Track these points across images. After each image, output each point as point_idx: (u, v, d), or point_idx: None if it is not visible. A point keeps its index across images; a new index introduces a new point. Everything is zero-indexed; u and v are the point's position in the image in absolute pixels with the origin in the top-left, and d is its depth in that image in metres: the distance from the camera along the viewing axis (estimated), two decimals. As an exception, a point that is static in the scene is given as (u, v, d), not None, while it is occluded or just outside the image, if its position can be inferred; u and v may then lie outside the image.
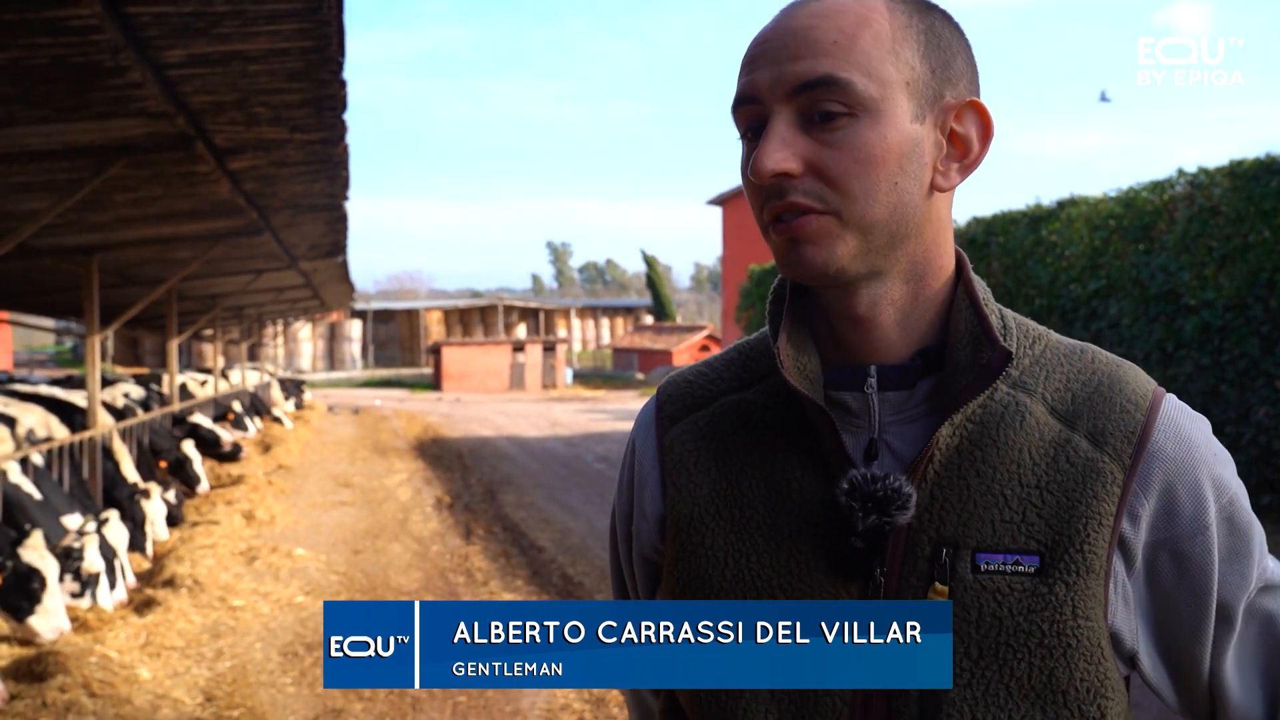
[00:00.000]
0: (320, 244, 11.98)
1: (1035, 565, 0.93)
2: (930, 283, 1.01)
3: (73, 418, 9.06)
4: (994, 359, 0.96)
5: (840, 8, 0.95)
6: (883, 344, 1.01)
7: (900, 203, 0.95)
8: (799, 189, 0.94)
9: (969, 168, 0.99)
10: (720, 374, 1.12)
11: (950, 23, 1.00)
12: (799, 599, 0.97)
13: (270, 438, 16.83)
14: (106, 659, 5.09)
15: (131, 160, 5.41)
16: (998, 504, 0.95)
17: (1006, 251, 11.03)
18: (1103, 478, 0.94)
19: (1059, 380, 1.00)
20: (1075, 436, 0.96)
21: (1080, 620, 0.92)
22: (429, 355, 43.74)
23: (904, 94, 0.94)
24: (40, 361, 47.08)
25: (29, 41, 3.57)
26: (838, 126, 0.93)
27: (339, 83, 4.78)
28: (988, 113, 0.99)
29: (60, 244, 8.30)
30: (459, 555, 8.64)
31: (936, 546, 0.95)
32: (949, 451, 0.97)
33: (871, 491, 0.93)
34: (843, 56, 0.93)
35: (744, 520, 1.02)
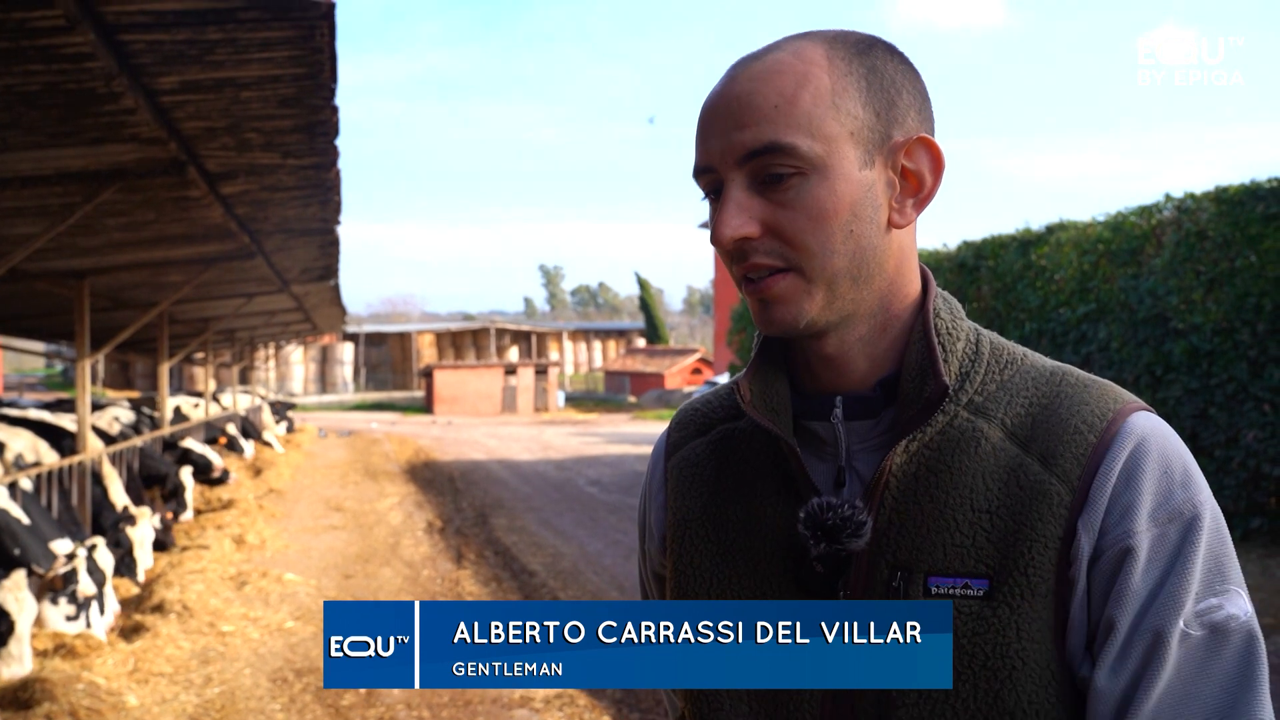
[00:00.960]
0: (312, 268, 11.99)
1: (984, 589, 0.95)
2: (895, 312, 1.04)
3: (62, 442, 9.03)
4: (935, 392, 0.98)
5: (779, 68, 0.98)
6: (850, 375, 1.04)
7: (859, 248, 0.98)
8: (760, 249, 0.98)
9: (924, 202, 1.02)
10: (722, 402, 1.18)
11: (893, 56, 1.02)
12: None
13: (261, 461, 16.79)
14: (94, 686, 5.06)
15: (124, 185, 5.42)
16: (949, 528, 0.97)
17: (996, 275, 11.08)
18: (1049, 499, 0.95)
19: (1021, 404, 1.00)
20: (1028, 459, 0.97)
21: (1025, 643, 0.93)
22: (421, 378, 43.68)
23: (849, 144, 0.97)
24: (30, 384, 46.90)
25: (23, 68, 3.59)
26: (789, 187, 0.96)
27: (331, 108, 4.80)
28: (937, 146, 1.01)
29: (52, 268, 8.30)
30: (450, 579, 8.61)
31: (892, 569, 0.98)
32: (906, 477, 0.99)
33: (822, 520, 0.97)
34: (784, 121, 0.96)
35: (726, 542, 1.07)
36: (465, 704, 5.45)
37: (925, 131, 1.02)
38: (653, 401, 37.85)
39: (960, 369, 1.02)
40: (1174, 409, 8.36)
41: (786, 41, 1.01)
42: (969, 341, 1.04)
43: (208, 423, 16.60)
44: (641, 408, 37.32)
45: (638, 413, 35.47)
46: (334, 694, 5.59)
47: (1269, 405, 7.73)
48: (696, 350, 45.06)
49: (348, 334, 46.45)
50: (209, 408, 17.69)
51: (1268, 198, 7.74)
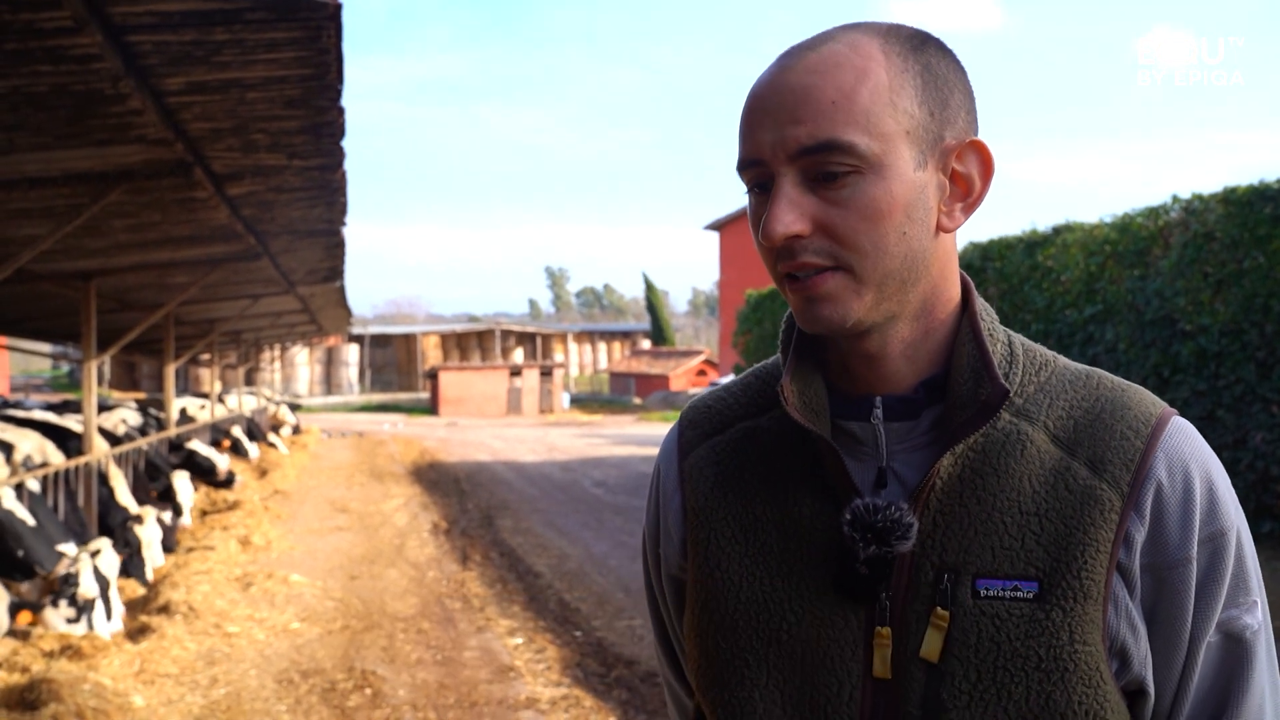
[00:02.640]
0: (318, 269, 12.00)
1: (1034, 591, 0.95)
2: (938, 315, 1.03)
3: (68, 443, 9.04)
4: (993, 395, 0.97)
5: (837, 61, 0.95)
6: (890, 376, 1.03)
7: (910, 250, 0.97)
8: (810, 248, 0.96)
9: (972, 206, 1.01)
10: (738, 399, 1.16)
11: (945, 54, 1.00)
12: (809, 621, 1.00)
13: (267, 463, 16.80)
14: (100, 687, 5.05)
15: (130, 186, 5.42)
16: (997, 531, 0.96)
17: (1003, 276, 11.05)
18: (1100, 505, 0.95)
19: (1062, 408, 1.01)
20: (1075, 464, 0.98)
21: (1078, 645, 0.93)
22: (426, 380, 43.72)
23: (905, 144, 0.95)
24: (37, 386, 47.04)
25: (30, 70, 3.59)
26: (844, 185, 0.94)
27: (337, 110, 4.80)
28: (988, 150, 1.00)
29: (58, 269, 8.31)
30: (456, 581, 8.61)
31: (939, 572, 0.97)
32: (951, 480, 0.99)
33: (872, 523, 0.95)
34: (843, 119, 0.93)
35: (758, 545, 1.05)
36: (471, 705, 5.44)
37: (974, 133, 1.01)
38: (658, 403, 37.83)
39: (1000, 371, 1.01)
40: (1182, 411, 8.24)
41: (840, 32, 0.98)
42: (1004, 344, 1.04)
43: (214, 424, 16.62)
44: (646, 409, 37.31)
45: (643, 414, 35.46)
46: (340, 695, 5.59)
47: (1277, 407, 7.70)
48: (701, 352, 45.04)
49: (353, 336, 46.54)
50: (215, 409, 17.70)
51: (1276, 198, 7.71)
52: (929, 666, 0.96)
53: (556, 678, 5.93)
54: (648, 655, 6.33)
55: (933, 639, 0.95)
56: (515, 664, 6.19)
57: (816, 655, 1.00)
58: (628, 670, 6.04)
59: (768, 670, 1.01)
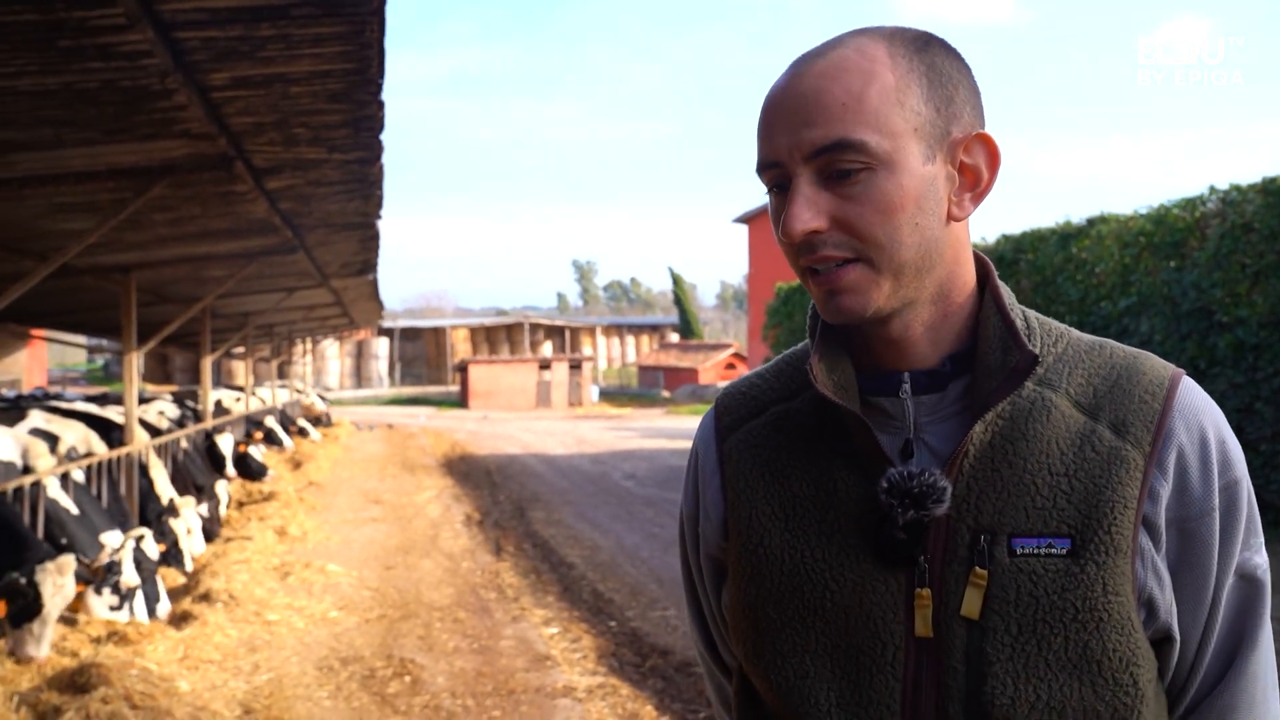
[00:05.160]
0: (352, 262, 12.10)
1: (1067, 547, 1.01)
2: (955, 299, 1.09)
3: (110, 434, 9.18)
4: (1022, 361, 1.04)
5: (846, 65, 1.02)
6: (914, 354, 1.09)
7: (923, 239, 1.03)
8: (829, 242, 1.03)
9: (981, 195, 1.07)
10: (770, 384, 1.22)
11: (948, 53, 1.07)
12: (850, 588, 1.06)
13: (301, 455, 16.96)
14: (147, 671, 5.15)
15: (173, 180, 5.50)
16: (1029, 492, 1.02)
17: (1036, 269, 10.99)
18: (1126, 464, 1.02)
19: (1081, 375, 1.08)
20: (1099, 427, 1.04)
21: (1111, 596, 0.99)
22: (456, 373, 43.91)
23: (913, 140, 1.02)
24: (73, 379, 47.59)
25: (82, 66, 3.66)
26: (857, 181, 1.01)
27: (378, 104, 4.85)
28: (994, 142, 1.06)
29: (99, 263, 8.43)
30: (490, 571, 8.68)
31: (974, 534, 1.02)
32: (982, 446, 1.05)
33: (909, 488, 1.01)
34: (853, 119, 1.00)
35: (797, 519, 1.10)
36: (509, 693, 5.50)
37: (980, 126, 1.07)
38: (686, 396, 37.82)
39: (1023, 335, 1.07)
40: (1219, 403, 8.17)
41: (848, 38, 1.05)
42: (1023, 319, 1.09)
43: (248, 416, 16.80)
44: (675, 403, 37.31)
45: (672, 408, 35.46)
46: (380, 682, 5.66)
47: (1316, 399, 7.63)
48: (730, 345, 44.95)
49: (383, 329, 46.75)
50: (249, 402, 17.89)
51: (1315, 189, 7.63)
52: (970, 624, 1.01)
53: (592, 667, 5.98)
54: (682, 645, 6.36)
55: (972, 597, 1.01)
56: (551, 653, 6.25)
57: (860, 619, 1.05)
58: (662, 660, 6.08)
59: (815, 637, 1.07)
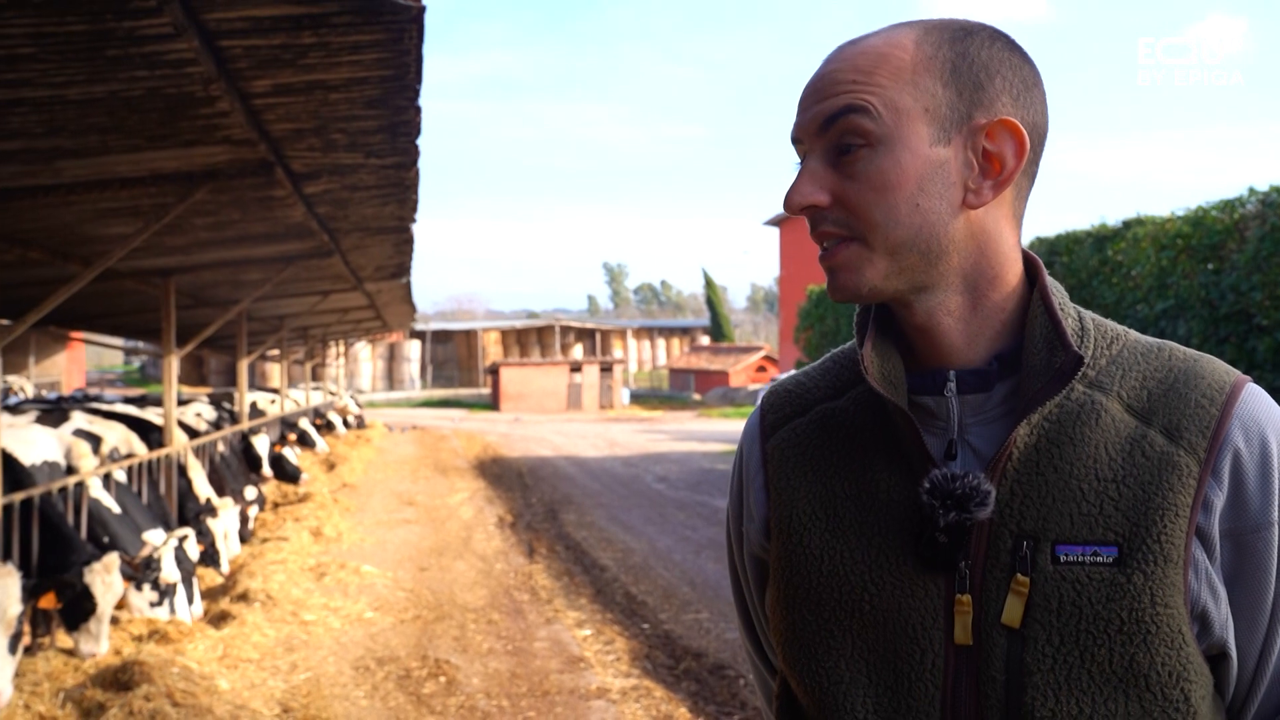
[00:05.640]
0: (386, 265, 12.19)
1: (1113, 556, 0.97)
2: (989, 293, 1.06)
3: (149, 435, 9.31)
4: (1066, 363, 1.01)
5: (866, 49, 1.03)
6: (952, 350, 1.06)
7: (925, 222, 1.01)
8: (829, 218, 1.03)
9: (1003, 184, 1.03)
10: (816, 383, 1.20)
11: (994, 43, 1.04)
12: (890, 591, 1.04)
13: (335, 456, 17.11)
14: (187, 669, 5.23)
15: (214, 186, 5.58)
16: (1075, 498, 0.99)
17: (1071, 271, 10.92)
18: (1178, 470, 0.98)
19: (1135, 378, 1.04)
20: (1150, 432, 1.00)
21: (1159, 608, 0.96)
22: (487, 375, 44.10)
23: (921, 120, 1.01)
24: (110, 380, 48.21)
25: (128, 74, 3.72)
26: (857, 158, 1.01)
27: (415, 109, 4.90)
28: (1020, 129, 1.02)
29: (140, 266, 8.55)
30: (523, 573, 8.72)
31: (1017, 539, 0.99)
32: (1027, 449, 1.02)
33: (951, 490, 0.99)
34: (860, 90, 1.01)
35: (838, 520, 1.09)
36: (544, 694, 5.54)
37: (1022, 116, 1.02)
38: (717, 399, 37.79)
39: (1072, 338, 1.04)
40: (1257, 407, 8.17)
41: (886, 28, 1.05)
42: (1075, 319, 1.07)
43: (283, 418, 16.96)
44: (706, 405, 37.28)
45: (703, 410, 35.44)
46: (415, 682, 5.71)
47: (1358, 403, 7.54)
48: (761, 348, 44.88)
49: (415, 331, 47.04)
50: (284, 403, 18.06)
51: (1357, 191, 7.54)
52: (1010, 632, 0.98)
53: (626, 669, 6.00)
54: (715, 648, 6.38)
55: (1014, 605, 0.98)
56: (585, 655, 6.27)
57: (898, 624, 1.03)
58: (696, 663, 6.10)
59: (852, 640, 1.05)
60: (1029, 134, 1.02)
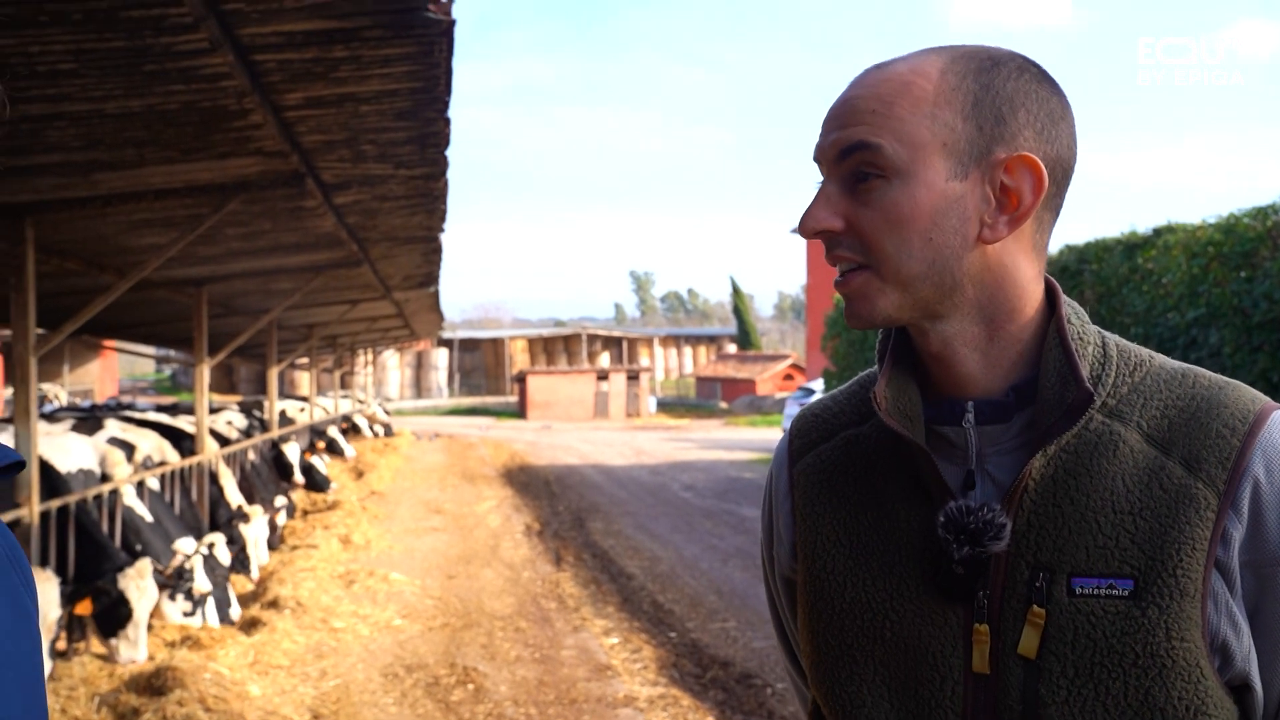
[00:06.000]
0: (414, 274, 12.29)
1: (1129, 589, 0.97)
2: (1004, 324, 1.05)
3: (181, 443, 9.41)
4: (1078, 398, 1.00)
5: (888, 77, 1.03)
6: (969, 380, 1.06)
7: (938, 257, 1.01)
8: (843, 245, 1.03)
9: (1018, 220, 1.02)
10: (842, 407, 1.21)
11: (1021, 75, 1.02)
12: (910, 619, 1.05)
13: (363, 464, 17.22)
14: (219, 676, 5.29)
15: (247, 197, 5.66)
16: (1091, 530, 0.99)
17: (1100, 279, 10.84)
18: (1196, 503, 0.97)
19: (1157, 407, 1.03)
20: (1169, 463, 0.99)
21: (1175, 642, 0.95)
22: (514, 383, 44.23)
23: (939, 155, 1.00)
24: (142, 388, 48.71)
25: (165, 89, 3.79)
26: (871, 188, 1.01)
27: (444, 121, 4.95)
28: (1039, 166, 1.01)
29: (173, 276, 8.67)
30: (550, 581, 8.75)
31: (1034, 570, 1.00)
32: (1044, 480, 1.01)
33: (965, 524, 0.99)
34: (877, 124, 1.00)
35: (860, 548, 1.10)
36: (571, 702, 5.55)
37: (1045, 150, 1.02)
38: (744, 407, 37.75)
39: (1092, 373, 1.03)
40: (1291, 416, 8.07)
41: (914, 54, 1.05)
42: (1097, 345, 1.06)
43: (312, 426, 17.09)
44: (733, 414, 37.24)
45: (729, 419, 35.41)
46: (443, 689, 5.75)
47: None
48: (788, 356, 44.77)
49: (442, 340, 47.25)
50: (313, 411, 18.21)
51: (1392, 198, 7.45)
52: (1027, 663, 0.98)
53: (653, 677, 6.01)
54: (742, 657, 6.38)
55: (1030, 636, 0.98)
56: (612, 663, 6.29)
57: (918, 651, 1.04)
58: (723, 671, 6.10)
59: (874, 665, 1.06)
60: (1049, 169, 1.02)
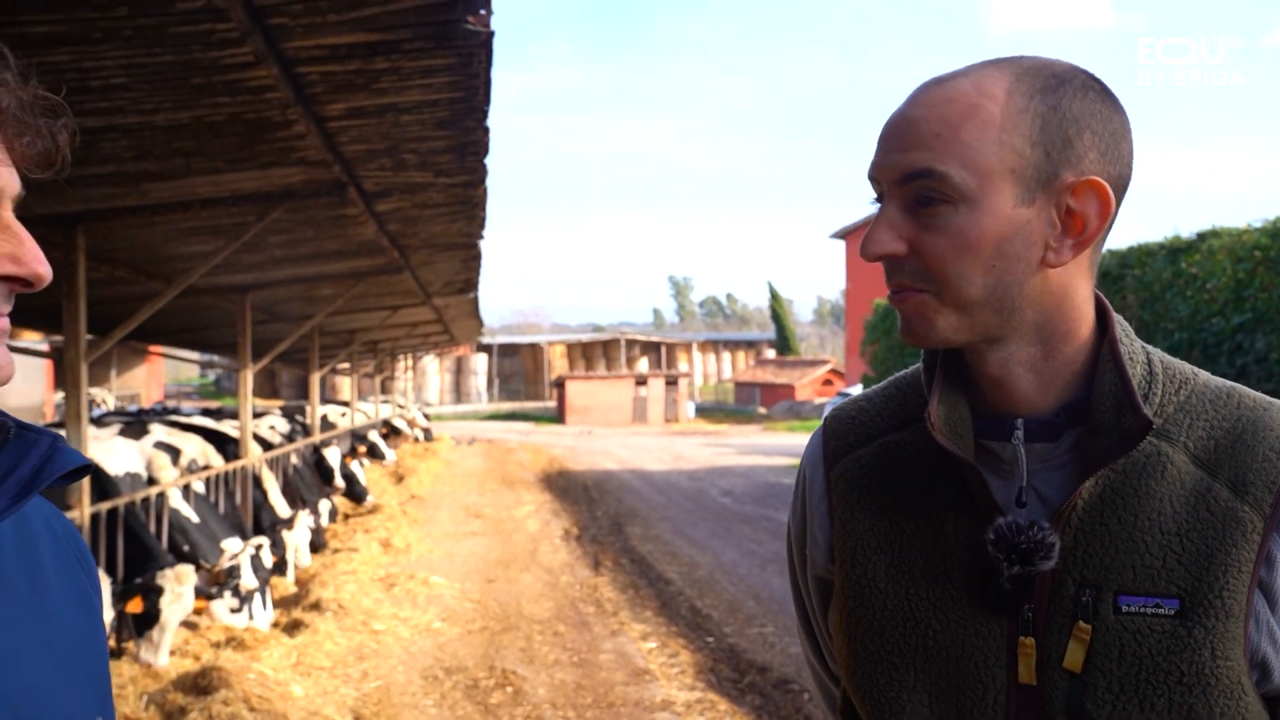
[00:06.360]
0: (454, 281, 12.40)
1: (1175, 608, 0.98)
2: (1060, 346, 1.05)
3: (226, 448, 9.56)
4: (1134, 426, 1.00)
5: (953, 96, 1.00)
6: (1022, 399, 1.07)
7: (1001, 283, 1.01)
8: (905, 269, 1.03)
9: (1084, 244, 1.02)
10: (880, 411, 1.21)
11: (1086, 94, 1.01)
12: (953, 629, 1.06)
13: (403, 469, 17.38)
14: (263, 676, 5.38)
15: (290, 205, 5.76)
16: (1138, 550, 1.00)
17: (1143, 284, 10.73)
18: (1242, 526, 0.99)
19: (1202, 428, 1.04)
20: (1216, 485, 1.01)
21: (1219, 661, 0.97)
22: (553, 389, 44.39)
23: (1007, 181, 0.99)
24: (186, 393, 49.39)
25: (211, 101, 3.88)
26: (937, 213, 1.00)
27: (483, 129, 5.02)
28: (1106, 190, 1.00)
29: (217, 283, 8.82)
30: (588, 586, 8.79)
31: (1080, 587, 1.01)
32: (1092, 499, 1.03)
33: (1016, 543, 1.00)
34: (942, 149, 0.99)
35: (903, 556, 1.11)
36: (609, 705, 5.59)
37: (1109, 171, 1.01)
38: (783, 413, 37.63)
39: (1139, 392, 1.04)
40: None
41: (976, 68, 1.03)
42: (1144, 364, 1.07)
43: (353, 430, 17.27)
44: (772, 419, 37.14)
45: (768, 424, 35.32)
46: (482, 692, 5.80)
47: None
48: (828, 361, 44.59)
49: (481, 345, 47.50)
50: (354, 416, 18.39)
51: None
52: (1072, 676, 1.00)
53: (690, 682, 6.04)
54: (780, 662, 6.38)
55: (1075, 650, 1.00)
56: (650, 667, 6.32)
57: (961, 661, 1.05)
58: (760, 677, 6.11)
59: (914, 673, 1.08)
60: (1114, 190, 1.01)
